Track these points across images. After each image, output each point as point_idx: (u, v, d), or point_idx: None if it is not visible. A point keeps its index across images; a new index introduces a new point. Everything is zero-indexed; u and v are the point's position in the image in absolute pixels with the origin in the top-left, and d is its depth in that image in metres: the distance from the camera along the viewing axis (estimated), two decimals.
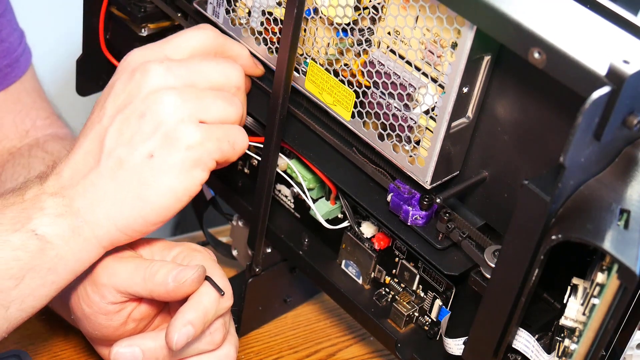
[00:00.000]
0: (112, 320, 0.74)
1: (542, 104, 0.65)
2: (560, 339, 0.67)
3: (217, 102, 0.72)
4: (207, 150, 0.70)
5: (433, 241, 0.72)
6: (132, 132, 0.69)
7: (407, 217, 0.72)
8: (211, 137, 0.70)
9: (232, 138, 0.72)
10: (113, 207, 0.70)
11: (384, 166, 0.75)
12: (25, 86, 0.98)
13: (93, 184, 0.70)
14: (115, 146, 0.70)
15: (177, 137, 0.69)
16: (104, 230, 0.70)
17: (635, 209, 0.59)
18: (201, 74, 0.72)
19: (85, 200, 0.69)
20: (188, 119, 0.70)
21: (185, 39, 0.75)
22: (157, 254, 0.76)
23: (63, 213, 0.69)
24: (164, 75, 0.71)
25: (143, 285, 0.72)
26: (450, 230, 0.71)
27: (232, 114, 0.73)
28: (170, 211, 0.71)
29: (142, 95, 0.70)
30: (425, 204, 0.72)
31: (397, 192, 0.73)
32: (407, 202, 0.72)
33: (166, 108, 0.69)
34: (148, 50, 0.74)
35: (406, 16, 0.67)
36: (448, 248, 0.72)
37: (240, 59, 0.77)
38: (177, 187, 0.70)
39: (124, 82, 0.71)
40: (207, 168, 0.71)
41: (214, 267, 0.75)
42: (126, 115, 0.70)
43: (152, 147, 0.69)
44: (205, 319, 0.72)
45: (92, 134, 0.71)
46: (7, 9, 0.96)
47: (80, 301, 0.74)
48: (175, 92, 0.70)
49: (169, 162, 0.69)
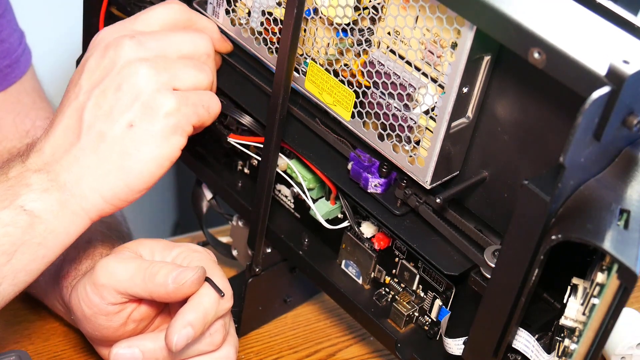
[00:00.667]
0: (112, 321, 0.74)
1: (542, 104, 0.65)
2: (560, 338, 0.67)
3: (188, 70, 0.74)
4: (184, 115, 0.72)
5: (392, 207, 0.73)
6: (110, 105, 0.71)
7: (367, 185, 0.73)
8: (187, 102, 0.73)
9: (206, 103, 0.75)
10: (98, 179, 0.71)
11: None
12: (25, 87, 0.98)
13: (76, 158, 0.71)
14: (95, 120, 0.71)
15: (154, 106, 0.71)
16: (91, 202, 0.72)
17: (635, 209, 0.59)
18: (171, 45, 0.74)
19: (70, 175, 0.71)
20: (163, 87, 0.72)
21: (153, 14, 0.76)
22: (157, 254, 0.76)
23: (49, 188, 0.70)
24: (136, 48, 0.72)
25: (143, 286, 0.72)
26: (408, 196, 0.72)
27: (204, 80, 0.75)
28: (153, 178, 0.72)
29: (117, 69, 0.72)
30: (385, 172, 0.73)
31: (357, 160, 0.74)
32: (367, 170, 0.73)
33: (141, 79, 0.71)
34: (118, 26, 0.76)
35: (406, 16, 0.67)
36: (406, 215, 0.74)
37: (208, 32, 0.79)
38: (158, 154, 0.72)
39: (97, 58, 0.73)
40: (185, 133, 0.73)
41: (214, 268, 0.75)
42: (102, 89, 0.72)
43: (131, 118, 0.71)
44: (205, 320, 0.72)
45: (69, 110, 0.72)
46: (7, 10, 0.96)
47: (80, 302, 0.74)
48: (149, 63, 0.72)
49: (149, 130, 0.71)
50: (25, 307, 0.90)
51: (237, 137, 0.83)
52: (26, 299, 0.90)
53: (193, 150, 0.90)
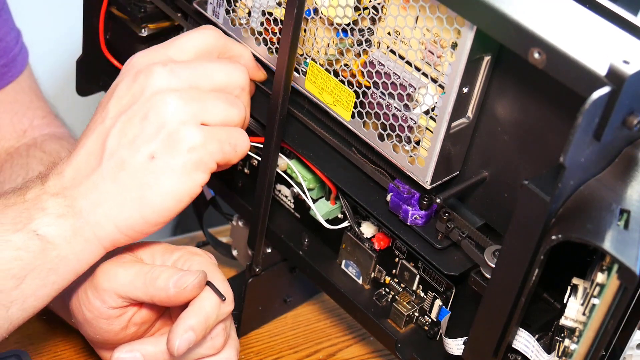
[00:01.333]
0: (113, 324, 0.74)
1: (542, 104, 0.65)
2: (560, 339, 0.67)
3: (219, 104, 0.71)
4: (208, 152, 0.70)
5: (433, 241, 0.72)
6: (134, 134, 0.69)
7: (407, 217, 0.72)
8: (213, 139, 0.70)
9: (234, 140, 0.72)
10: (114, 208, 0.70)
11: (384, 166, 0.75)
12: (22, 86, 0.98)
13: (95, 185, 0.70)
14: (118, 147, 0.70)
15: (179, 139, 0.69)
16: (105, 231, 0.70)
17: (635, 209, 0.59)
18: (204, 76, 0.72)
19: (87, 201, 0.69)
20: (190, 120, 0.69)
21: (188, 41, 0.74)
22: (158, 257, 0.76)
23: (65, 213, 0.69)
24: (167, 77, 0.70)
25: (144, 290, 0.72)
26: (450, 230, 0.71)
27: (235, 116, 0.72)
28: (171, 212, 0.70)
29: (145, 97, 0.70)
30: (425, 204, 0.72)
31: (396, 191, 0.73)
32: (407, 202, 0.72)
33: (169, 110, 0.69)
34: (151, 52, 0.74)
35: (406, 16, 0.67)
36: (448, 248, 0.72)
37: (243, 61, 0.77)
38: (178, 189, 0.70)
39: (128, 83, 0.71)
40: (208, 170, 0.71)
41: (215, 272, 0.75)
42: (129, 117, 0.70)
43: (154, 149, 0.69)
44: (207, 324, 0.72)
45: (95, 134, 0.71)
46: (4, 9, 0.96)
47: (81, 306, 0.74)
48: (178, 94, 0.70)
49: (171, 164, 0.69)
50: None
51: None
52: None
53: None
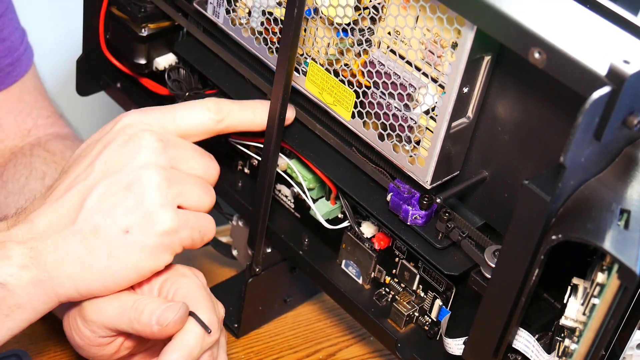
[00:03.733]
0: (105, 350, 0.74)
1: (543, 104, 0.65)
2: (560, 338, 0.67)
3: (196, 189, 0.74)
4: (179, 238, 0.72)
5: (433, 241, 0.72)
6: (114, 202, 0.70)
7: (407, 217, 0.72)
8: (186, 226, 0.73)
9: (204, 229, 0.75)
10: (79, 270, 0.70)
11: (384, 166, 0.75)
12: (27, 85, 0.98)
13: (65, 242, 0.70)
14: (95, 211, 0.70)
15: (155, 221, 0.71)
16: (65, 288, 0.71)
17: (636, 209, 0.59)
18: (187, 161, 0.74)
19: (53, 257, 0.70)
20: (169, 203, 0.71)
21: (184, 115, 0.75)
22: (145, 280, 0.75)
23: (29, 265, 0.69)
24: (157, 153, 0.72)
25: (129, 325, 0.71)
26: (450, 229, 0.71)
27: (207, 203, 0.75)
28: (130, 284, 0.72)
29: (133, 167, 0.71)
30: (425, 204, 0.72)
31: (396, 191, 0.73)
32: (407, 202, 0.72)
33: (152, 187, 0.71)
34: (146, 117, 0.74)
35: (406, 16, 0.67)
36: (448, 248, 0.72)
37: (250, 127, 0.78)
38: (143, 267, 0.72)
39: (119, 145, 0.72)
40: (174, 252, 0.73)
41: (202, 297, 0.73)
42: (112, 183, 0.71)
43: (130, 224, 0.70)
44: (191, 357, 0.71)
45: (75, 189, 0.71)
46: (9, 8, 0.96)
47: (72, 333, 0.74)
48: (164, 174, 0.71)
49: (142, 243, 0.71)
50: None
51: (237, 137, 0.83)
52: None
53: None
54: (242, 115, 0.77)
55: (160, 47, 0.90)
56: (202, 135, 0.76)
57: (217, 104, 0.76)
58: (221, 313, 0.75)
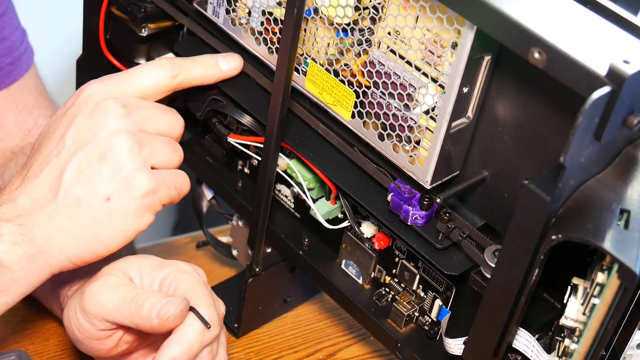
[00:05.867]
0: (104, 344, 0.74)
1: (542, 104, 0.65)
2: (560, 338, 0.67)
3: (165, 149, 0.77)
4: (159, 197, 0.75)
5: (433, 241, 0.72)
6: (91, 172, 0.73)
7: (407, 217, 0.72)
8: (163, 184, 0.76)
9: (179, 185, 0.78)
10: (67, 241, 0.73)
11: (384, 166, 0.75)
12: (27, 85, 0.98)
13: (50, 217, 0.72)
14: (74, 183, 0.73)
15: (134, 186, 0.74)
16: (57, 260, 0.73)
17: (636, 209, 0.59)
18: (152, 121, 0.77)
19: (41, 232, 0.72)
20: (143, 166, 0.74)
21: (140, 77, 0.78)
22: (147, 275, 0.75)
23: (20, 241, 0.71)
24: (123, 119, 0.74)
25: (130, 319, 0.72)
26: (450, 230, 0.71)
27: (176, 159, 0.78)
28: (119, 247, 0.75)
29: (103, 136, 0.74)
30: (426, 204, 0.72)
31: (397, 191, 0.73)
32: (408, 202, 0.72)
33: (125, 154, 0.73)
34: (107, 85, 0.77)
35: (406, 16, 0.67)
36: (448, 248, 0.72)
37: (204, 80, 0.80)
38: (129, 230, 0.74)
39: (85, 116, 0.74)
40: (155, 211, 0.76)
41: (202, 293, 0.74)
42: (86, 154, 0.73)
43: (110, 191, 0.73)
44: (190, 353, 0.71)
45: (50, 165, 0.73)
46: (9, 8, 0.96)
47: (72, 325, 0.75)
48: (134, 138, 0.74)
49: (125, 207, 0.74)
50: (25, 307, 0.90)
51: (237, 137, 0.83)
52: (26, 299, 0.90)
53: (193, 150, 0.90)
54: (195, 70, 0.80)
55: (160, 47, 0.90)
56: (161, 93, 0.79)
57: (170, 61, 0.79)
58: (221, 310, 0.76)
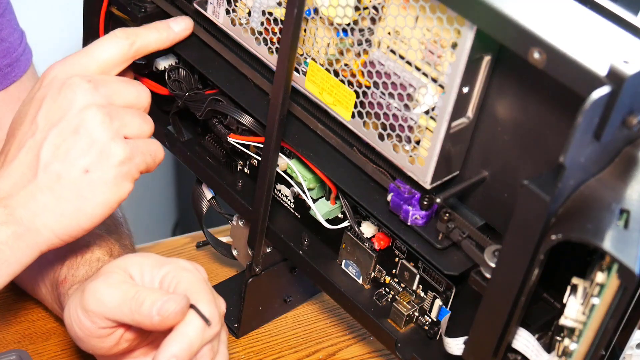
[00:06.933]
0: (105, 342, 0.75)
1: (542, 104, 0.65)
2: (560, 338, 0.67)
3: (135, 119, 0.78)
4: (135, 164, 0.77)
5: (433, 241, 0.72)
6: (67, 147, 0.74)
7: (407, 217, 0.72)
8: (137, 151, 0.77)
9: (153, 152, 0.79)
10: (52, 217, 0.74)
11: (384, 166, 0.75)
12: (25, 86, 0.98)
13: (33, 195, 0.74)
14: (52, 160, 0.74)
15: (110, 155, 0.75)
16: (44, 237, 0.74)
17: (635, 209, 0.59)
18: (119, 92, 0.78)
19: (26, 211, 0.74)
20: (117, 135, 0.76)
21: (99, 51, 0.80)
22: (147, 273, 0.75)
23: (7, 221, 0.73)
24: (91, 93, 0.76)
25: (130, 316, 0.72)
26: (451, 230, 0.71)
27: (147, 129, 0.79)
28: (102, 218, 0.77)
29: (73, 113, 0.75)
30: (426, 204, 0.72)
31: (397, 191, 0.73)
32: (407, 202, 0.72)
33: (97, 125, 0.75)
34: (69, 64, 0.79)
35: (406, 16, 0.67)
36: (448, 248, 0.72)
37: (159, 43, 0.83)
38: (110, 199, 0.76)
39: (53, 96, 0.76)
40: (134, 179, 0.78)
41: (203, 290, 0.74)
42: (59, 130, 0.75)
43: (87, 164, 0.74)
44: (191, 350, 0.71)
45: (26, 147, 0.75)
46: (8, 9, 0.96)
47: (72, 323, 0.75)
48: (104, 110, 0.76)
49: (104, 177, 0.75)
50: (25, 307, 0.90)
51: (237, 137, 0.83)
52: (27, 299, 0.90)
53: (193, 150, 0.90)
54: (149, 35, 0.82)
55: None
56: (121, 62, 0.80)
57: (124, 30, 0.81)
58: (222, 307, 0.76)
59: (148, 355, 0.78)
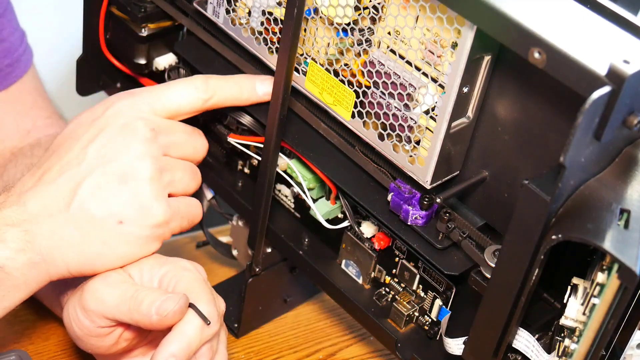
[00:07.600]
0: (104, 341, 0.75)
1: (542, 104, 0.65)
2: (560, 338, 0.67)
3: (185, 175, 0.77)
4: (170, 228, 0.76)
5: (433, 241, 0.72)
6: (109, 192, 0.73)
7: (407, 217, 0.72)
8: (177, 216, 0.76)
9: (192, 216, 0.79)
10: (72, 253, 0.73)
11: (384, 166, 0.75)
12: (26, 86, 0.98)
13: (59, 228, 0.72)
14: (89, 199, 0.72)
15: (149, 214, 0.73)
16: (57, 269, 0.73)
17: (636, 209, 0.59)
18: (178, 146, 0.77)
19: (48, 242, 0.72)
20: (161, 194, 0.74)
21: (172, 96, 0.77)
22: (147, 272, 0.75)
23: (24, 248, 0.71)
24: (150, 142, 0.74)
25: (129, 315, 0.72)
26: (451, 230, 0.71)
27: (195, 186, 0.79)
28: (118, 268, 0.75)
29: (127, 158, 0.73)
30: (426, 204, 0.72)
31: (397, 191, 0.73)
32: (408, 202, 0.72)
33: (146, 180, 0.73)
34: (136, 101, 0.76)
35: (406, 16, 0.67)
36: (448, 248, 0.72)
37: (236, 103, 0.79)
38: (135, 254, 0.75)
39: (112, 133, 0.74)
40: (164, 241, 0.76)
41: (203, 290, 0.74)
42: (107, 171, 0.73)
43: (125, 216, 0.73)
44: (190, 349, 0.71)
45: (68, 175, 0.73)
46: (8, 9, 0.96)
47: (71, 322, 0.75)
48: (157, 165, 0.74)
49: (136, 234, 0.73)
50: (25, 307, 0.90)
51: (237, 137, 0.83)
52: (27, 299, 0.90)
53: None
54: (229, 92, 0.79)
55: (160, 47, 0.90)
56: (190, 113, 0.78)
57: (205, 82, 0.78)
58: (221, 307, 0.76)
59: (147, 355, 0.78)
